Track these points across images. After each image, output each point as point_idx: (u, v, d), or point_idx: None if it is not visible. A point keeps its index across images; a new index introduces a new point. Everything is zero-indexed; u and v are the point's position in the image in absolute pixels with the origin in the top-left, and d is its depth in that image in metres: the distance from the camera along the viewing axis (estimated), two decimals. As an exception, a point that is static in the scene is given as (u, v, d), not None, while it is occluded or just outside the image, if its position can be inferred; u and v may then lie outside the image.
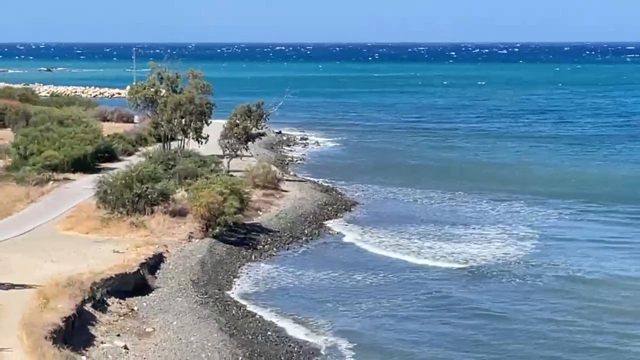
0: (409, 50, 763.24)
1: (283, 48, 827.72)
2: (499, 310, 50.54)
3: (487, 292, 54.28)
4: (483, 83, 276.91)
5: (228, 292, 52.57)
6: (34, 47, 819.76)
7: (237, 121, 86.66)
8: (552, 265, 59.77)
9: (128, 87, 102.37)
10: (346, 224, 73.00)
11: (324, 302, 51.77)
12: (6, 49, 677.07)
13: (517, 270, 58.48)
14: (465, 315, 49.80)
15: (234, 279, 55.53)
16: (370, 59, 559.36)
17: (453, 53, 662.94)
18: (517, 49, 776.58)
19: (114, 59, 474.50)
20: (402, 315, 49.66)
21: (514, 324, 48.37)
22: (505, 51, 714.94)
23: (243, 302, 51.04)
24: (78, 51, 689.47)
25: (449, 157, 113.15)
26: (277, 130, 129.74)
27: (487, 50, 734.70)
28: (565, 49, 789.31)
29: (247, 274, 57.28)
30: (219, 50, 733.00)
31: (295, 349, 44.01)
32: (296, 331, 46.77)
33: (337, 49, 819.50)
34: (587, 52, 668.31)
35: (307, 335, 46.26)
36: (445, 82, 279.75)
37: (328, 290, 54.30)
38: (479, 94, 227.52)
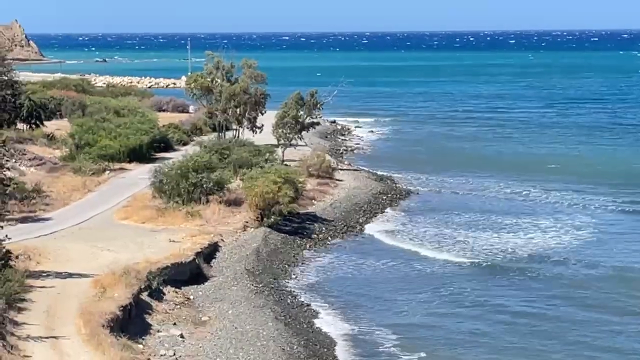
0: (468, 38, 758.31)
1: (341, 38, 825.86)
2: (547, 310, 50.23)
3: (534, 290, 53.96)
4: (540, 70, 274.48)
5: (283, 281, 52.66)
6: (87, 38, 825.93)
7: (288, 110, 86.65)
8: (599, 260, 58.67)
9: (183, 77, 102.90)
10: (400, 213, 72.77)
11: (378, 293, 51.74)
12: (59, 40, 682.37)
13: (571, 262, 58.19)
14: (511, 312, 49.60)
15: (289, 268, 55.60)
16: (424, 46, 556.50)
17: (512, 41, 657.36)
18: (576, 37, 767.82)
19: (170, 49, 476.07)
20: (456, 312, 49.47)
21: (560, 322, 48.06)
22: (570, 37, 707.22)
23: (298, 291, 51.11)
24: (134, 42, 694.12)
25: (505, 147, 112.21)
26: (332, 120, 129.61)
27: (548, 38, 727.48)
28: (624, 36, 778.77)
29: (302, 263, 57.34)
30: (275, 40, 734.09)
31: (349, 338, 44.01)
32: (350, 321, 46.73)
33: (388, 37, 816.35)
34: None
35: (361, 324, 46.21)
36: (503, 70, 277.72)
37: (383, 281, 54.21)
38: (538, 82, 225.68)
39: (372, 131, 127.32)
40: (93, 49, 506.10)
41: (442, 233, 65.80)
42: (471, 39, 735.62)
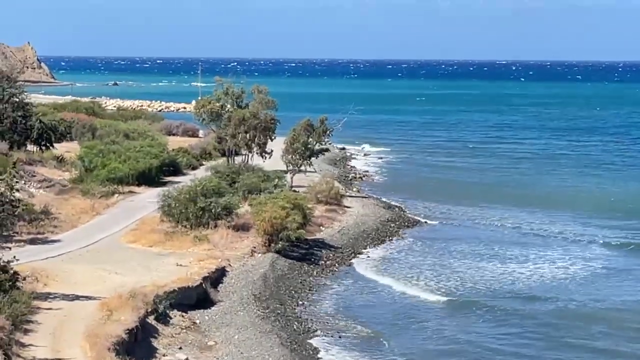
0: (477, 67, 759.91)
1: (351, 65, 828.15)
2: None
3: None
4: (552, 101, 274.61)
5: (290, 307, 52.59)
6: (99, 61, 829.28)
7: (298, 137, 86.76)
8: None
9: (193, 102, 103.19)
10: (407, 241, 72.77)
11: (386, 321, 51.69)
12: (70, 63, 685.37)
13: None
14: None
15: (296, 294, 55.54)
16: (419, 75, 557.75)
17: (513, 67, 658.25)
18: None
19: (181, 73, 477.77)
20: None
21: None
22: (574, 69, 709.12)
23: (304, 317, 51.05)
24: (145, 65, 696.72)
25: (513, 177, 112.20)
26: (341, 146, 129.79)
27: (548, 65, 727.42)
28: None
29: (309, 289, 57.27)
30: (287, 66, 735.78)
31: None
32: (357, 351, 46.64)
33: (404, 65, 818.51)
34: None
35: (367, 352, 46.14)
36: (509, 100, 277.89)
37: (389, 311, 54.07)
38: (544, 113, 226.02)
39: (381, 158, 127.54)
40: (105, 72, 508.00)
41: (442, 264, 65.36)
42: (485, 68, 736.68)
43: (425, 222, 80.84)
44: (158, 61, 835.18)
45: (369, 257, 67.15)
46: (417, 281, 60.28)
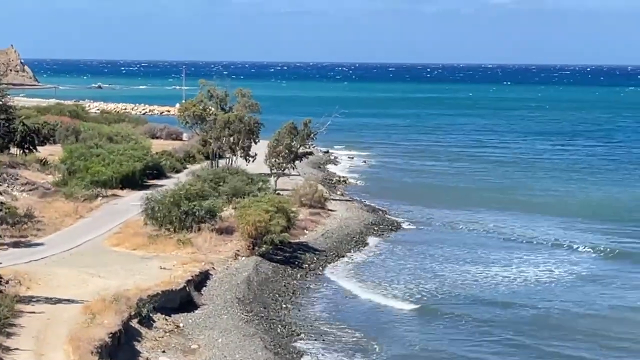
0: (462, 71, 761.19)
1: (341, 68, 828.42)
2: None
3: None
4: (533, 105, 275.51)
5: (273, 311, 52.58)
6: (83, 64, 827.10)
7: (281, 140, 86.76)
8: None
9: (177, 105, 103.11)
10: (392, 245, 72.87)
11: (369, 325, 51.74)
12: (53, 66, 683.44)
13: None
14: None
15: (280, 297, 55.53)
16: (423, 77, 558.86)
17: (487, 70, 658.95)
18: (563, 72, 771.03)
19: (166, 77, 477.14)
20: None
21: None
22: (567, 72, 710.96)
23: (288, 321, 51.05)
24: (129, 69, 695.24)
25: (496, 181, 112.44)
26: (325, 150, 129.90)
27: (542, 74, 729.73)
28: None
29: (293, 292, 57.28)
30: (273, 70, 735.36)
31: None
32: (340, 354, 46.66)
33: (391, 68, 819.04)
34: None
35: (351, 355, 46.16)
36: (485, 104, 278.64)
37: (372, 315, 54.09)
38: (526, 117, 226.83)
39: (365, 162, 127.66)
40: (88, 75, 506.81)
41: (424, 267, 65.35)
42: (469, 72, 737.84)
43: (409, 225, 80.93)
44: (142, 64, 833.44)
45: (352, 260, 67.20)
46: (398, 285, 60.17)
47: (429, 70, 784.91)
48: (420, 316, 53.27)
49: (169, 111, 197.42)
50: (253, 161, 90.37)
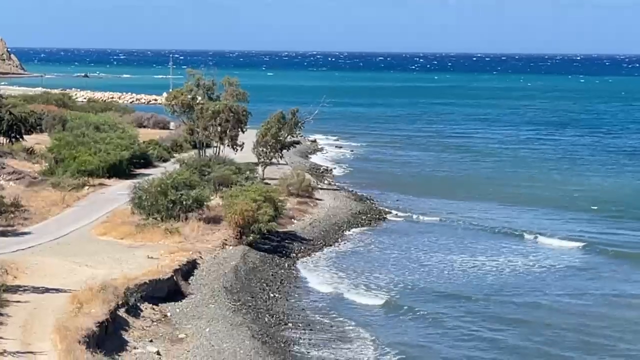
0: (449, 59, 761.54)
1: (333, 57, 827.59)
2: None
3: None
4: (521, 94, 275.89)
5: (261, 300, 52.56)
6: (70, 53, 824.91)
7: (270, 129, 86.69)
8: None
9: (165, 94, 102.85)
10: (379, 234, 72.93)
11: (357, 314, 51.78)
12: (41, 55, 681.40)
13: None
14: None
15: (267, 287, 55.51)
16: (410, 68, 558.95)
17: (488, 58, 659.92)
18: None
19: (153, 65, 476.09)
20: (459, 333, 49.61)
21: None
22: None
23: (276, 310, 51.04)
24: (116, 57, 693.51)
25: (485, 170, 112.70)
26: (312, 139, 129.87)
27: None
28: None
29: (280, 281, 57.27)
30: (266, 58, 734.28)
31: (328, 356, 43.98)
32: (328, 339, 46.72)
33: (381, 57, 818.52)
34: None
35: (339, 344, 46.21)
36: (474, 93, 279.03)
37: (359, 304, 54.05)
38: (516, 105, 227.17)
39: (352, 151, 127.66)
40: (75, 63, 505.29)
41: (409, 257, 65.28)
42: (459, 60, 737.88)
43: (396, 215, 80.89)
44: (129, 53, 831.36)
45: (339, 249, 67.24)
46: (385, 274, 60.06)
47: (417, 59, 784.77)
48: (407, 306, 53.12)
49: (156, 100, 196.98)
50: (241, 150, 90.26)
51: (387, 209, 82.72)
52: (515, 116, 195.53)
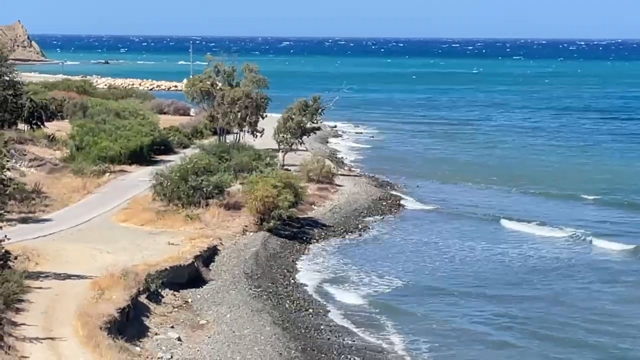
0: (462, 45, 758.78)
1: (344, 42, 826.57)
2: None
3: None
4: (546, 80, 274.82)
5: (281, 286, 52.59)
6: (91, 39, 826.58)
7: (292, 116, 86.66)
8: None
9: (185, 80, 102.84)
10: (400, 220, 72.81)
11: (378, 297, 51.72)
12: (60, 40, 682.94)
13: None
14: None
15: (288, 273, 55.54)
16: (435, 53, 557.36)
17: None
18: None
19: (173, 52, 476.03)
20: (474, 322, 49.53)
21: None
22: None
23: (297, 296, 51.06)
24: (137, 44, 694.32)
25: (503, 154, 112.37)
26: (333, 125, 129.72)
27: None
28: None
29: (301, 267, 57.30)
30: (287, 43, 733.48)
31: (348, 343, 43.97)
32: (349, 326, 46.73)
33: (401, 44, 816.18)
34: None
35: (360, 330, 46.22)
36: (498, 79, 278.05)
37: (380, 290, 54.03)
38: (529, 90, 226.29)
39: (372, 137, 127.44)
40: (96, 50, 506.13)
41: (427, 242, 65.38)
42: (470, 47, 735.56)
43: (417, 201, 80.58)
44: (150, 40, 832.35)
45: (360, 235, 67.12)
46: (405, 262, 59.96)
47: (439, 44, 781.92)
48: (429, 293, 53.16)
49: (176, 87, 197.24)
50: (261, 136, 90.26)
51: (407, 196, 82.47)
52: (541, 101, 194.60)
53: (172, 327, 42.73)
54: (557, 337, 45.87)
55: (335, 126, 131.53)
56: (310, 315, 47.86)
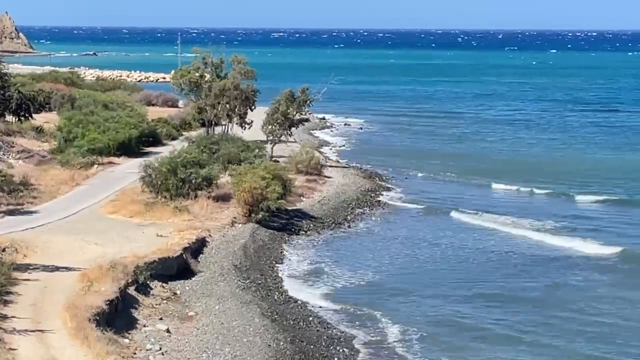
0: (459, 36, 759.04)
1: (336, 34, 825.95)
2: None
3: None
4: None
5: (270, 278, 52.59)
6: (79, 31, 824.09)
7: (279, 107, 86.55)
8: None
9: (173, 72, 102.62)
10: (386, 213, 72.83)
11: (367, 289, 51.75)
12: (48, 32, 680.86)
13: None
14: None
15: (276, 264, 55.56)
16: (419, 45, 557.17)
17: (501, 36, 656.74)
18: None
19: (161, 44, 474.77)
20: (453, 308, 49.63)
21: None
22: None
23: (285, 287, 51.08)
24: (125, 35, 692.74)
25: (488, 146, 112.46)
26: (321, 116, 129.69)
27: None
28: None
29: (289, 259, 57.32)
30: (274, 36, 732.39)
31: (337, 334, 44.01)
32: (337, 317, 46.76)
33: (389, 35, 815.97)
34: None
35: (348, 321, 46.24)
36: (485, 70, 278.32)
37: (370, 276, 54.16)
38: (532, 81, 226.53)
39: (361, 128, 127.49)
40: (84, 42, 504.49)
41: (416, 236, 64.95)
42: (460, 37, 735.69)
43: (405, 193, 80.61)
44: (138, 31, 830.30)
45: (349, 227, 67.11)
46: (393, 255, 59.79)
47: (423, 36, 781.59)
48: (421, 284, 53.22)
49: (164, 78, 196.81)
50: (249, 128, 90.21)
51: (395, 187, 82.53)
52: (529, 92, 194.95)
53: (161, 318, 42.69)
54: (546, 333, 46.02)
55: (324, 117, 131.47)
56: (299, 307, 47.87)
